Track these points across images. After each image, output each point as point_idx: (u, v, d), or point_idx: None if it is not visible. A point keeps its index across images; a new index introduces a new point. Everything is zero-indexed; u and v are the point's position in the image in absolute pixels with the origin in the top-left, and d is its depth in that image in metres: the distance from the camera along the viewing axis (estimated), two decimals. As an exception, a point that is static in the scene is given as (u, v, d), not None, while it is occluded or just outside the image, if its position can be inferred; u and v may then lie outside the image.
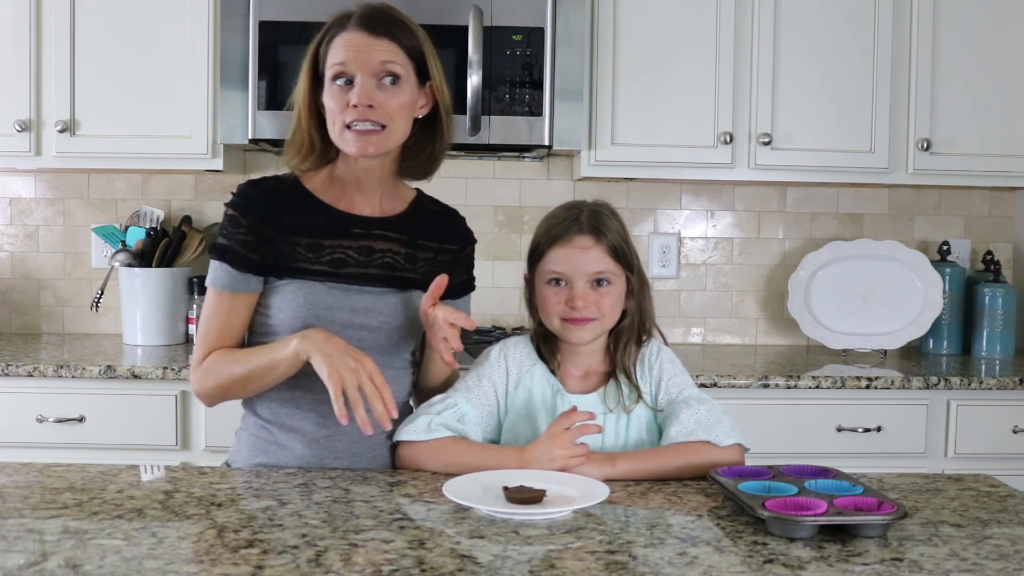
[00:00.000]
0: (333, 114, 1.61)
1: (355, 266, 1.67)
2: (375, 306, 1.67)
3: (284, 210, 1.65)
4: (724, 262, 3.25)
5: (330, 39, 1.64)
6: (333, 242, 1.66)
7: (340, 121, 1.61)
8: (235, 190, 1.67)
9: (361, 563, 1.16)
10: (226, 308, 1.65)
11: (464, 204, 3.14)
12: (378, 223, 1.70)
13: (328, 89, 1.62)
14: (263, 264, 1.64)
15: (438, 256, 1.75)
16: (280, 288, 1.65)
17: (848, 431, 2.63)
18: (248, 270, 1.63)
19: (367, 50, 1.60)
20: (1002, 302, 3.03)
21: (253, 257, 1.63)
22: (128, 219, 3.09)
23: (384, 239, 1.69)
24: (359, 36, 1.61)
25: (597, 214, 1.68)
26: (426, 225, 1.75)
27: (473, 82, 2.64)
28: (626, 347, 1.70)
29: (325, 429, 1.66)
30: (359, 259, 1.67)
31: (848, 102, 2.88)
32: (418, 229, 1.74)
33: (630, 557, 1.21)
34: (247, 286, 1.64)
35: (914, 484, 1.57)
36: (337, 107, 1.60)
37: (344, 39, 1.62)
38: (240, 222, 1.64)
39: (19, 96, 2.79)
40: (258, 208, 1.65)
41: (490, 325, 3.13)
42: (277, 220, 1.64)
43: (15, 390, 2.56)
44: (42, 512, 1.35)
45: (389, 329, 1.68)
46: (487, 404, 1.69)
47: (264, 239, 1.63)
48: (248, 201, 1.65)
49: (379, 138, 1.61)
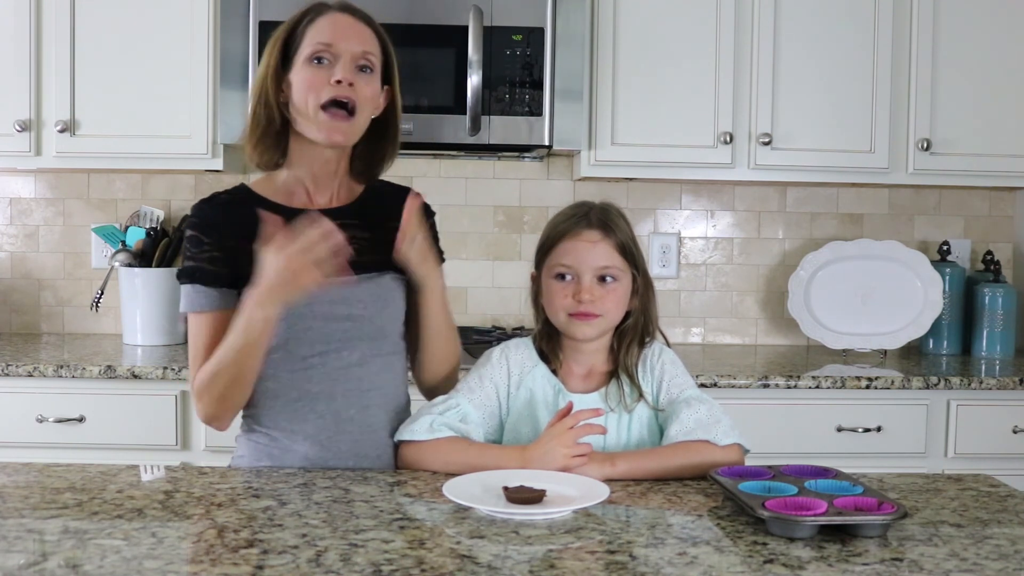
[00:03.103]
0: (306, 93, 1.60)
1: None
2: (352, 295, 1.66)
3: (243, 220, 1.62)
4: (724, 262, 3.26)
5: (310, 21, 1.63)
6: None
7: (315, 100, 1.60)
8: (189, 212, 1.67)
9: (361, 563, 1.16)
10: (209, 330, 1.63)
11: (464, 204, 3.19)
12: (337, 213, 1.67)
13: (302, 68, 1.61)
14: (235, 277, 1.62)
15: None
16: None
17: (848, 431, 2.63)
18: (223, 285, 1.62)
19: (354, 32, 1.62)
20: (1002, 302, 3.03)
21: (223, 271, 1.62)
22: (128, 219, 3.09)
23: (345, 227, 1.65)
24: (346, 18, 1.63)
25: (606, 211, 1.70)
26: (383, 206, 1.74)
27: (473, 82, 2.64)
28: (629, 347, 1.70)
29: (327, 431, 1.66)
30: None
31: (848, 102, 2.88)
32: (376, 211, 1.73)
33: (630, 557, 1.21)
34: (225, 302, 1.62)
35: (914, 484, 1.57)
36: (316, 84, 1.60)
37: (330, 19, 1.63)
38: (203, 241, 1.63)
39: (19, 96, 2.79)
40: (217, 223, 1.64)
41: (490, 325, 3.13)
42: (238, 231, 1.62)
43: (15, 390, 2.56)
44: (42, 512, 1.35)
45: (371, 315, 1.68)
46: (489, 405, 1.70)
47: (230, 252, 1.62)
48: (206, 219, 1.65)
49: (347, 126, 1.62)
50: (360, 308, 1.67)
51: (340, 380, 1.66)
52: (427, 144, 2.77)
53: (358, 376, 1.67)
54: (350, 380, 1.66)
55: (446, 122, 2.70)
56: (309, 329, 1.64)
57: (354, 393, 1.67)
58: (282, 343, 1.63)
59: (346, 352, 1.65)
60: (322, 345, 1.64)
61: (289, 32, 1.65)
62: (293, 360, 1.65)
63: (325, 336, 1.64)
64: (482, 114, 2.67)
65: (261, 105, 1.65)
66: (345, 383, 1.66)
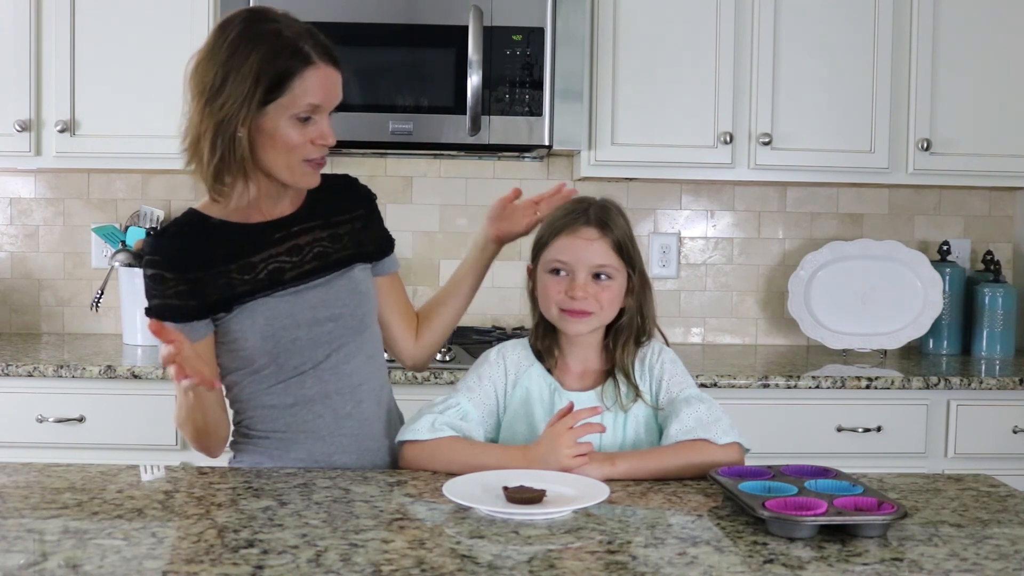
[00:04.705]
0: (291, 150, 1.59)
1: (292, 268, 1.66)
2: (328, 296, 1.68)
3: (201, 248, 1.62)
4: (724, 262, 3.25)
5: (298, 74, 1.56)
6: (262, 255, 1.64)
7: (300, 156, 1.60)
8: (143, 251, 1.66)
9: (361, 563, 1.16)
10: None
11: (464, 204, 3.19)
12: (293, 219, 1.69)
13: (287, 124, 1.58)
14: (204, 306, 1.61)
15: (354, 224, 1.75)
16: (234, 318, 1.63)
17: (848, 431, 2.63)
18: (192, 318, 1.61)
19: (336, 87, 1.62)
20: (1002, 302, 3.03)
21: (191, 304, 1.60)
22: (128, 219, 3.09)
23: (305, 232, 1.69)
24: (333, 73, 1.61)
25: (605, 209, 1.70)
26: (330, 200, 1.74)
27: (473, 82, 2.64)
28: (625, 346, 1.70)
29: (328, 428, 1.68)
30: (293, 260, 1.66)
31: (848, 102, 2.88)
32: (326, 208, 1.73)
33: (630, 557, 1.21)
34: (197, 334, 1.61)
35: (914, 484, 1.57)
36: (301, 142, 1.59)
37: (321, 76, 1.58)
38: (165, 277, 1.60)
39: (19, 96, 2.79)
40: (176, 257, 1.61)
41: (490, 325, 3.12)
42: (199, 260, 1.61)
43: (15, 390, 2.56)
44: (42, 512, 1.35)
45: (351, 311, 1.70)
46: (488, 404, 1.70)
47: (195, 283, 1.60)
48: (164, 255, 1.62)
49: (321, 167, 1.65)
50: (340, 306, 1.68)
51: (332, 380, 1.68)
52: (427, 144, 2.77)
53: (348, 373, 1.69)
54: (342, 378, 1.68)
55: (446, 122, 2.70)
56: (296, 340, 1.64)
57: (347, 390, 1.69)
58: (271, 359, 1.64)
59: (334, 353, 1.67)
60: (311, 351, 1.66)
61: (274, 80, 1.56)
62: (284, 372, 1.66)
63: (312, 342, 1.66)
64: (482, 114, 2.67)
65: (225, 138, 1.57)
66: (338, 382, 1.68)
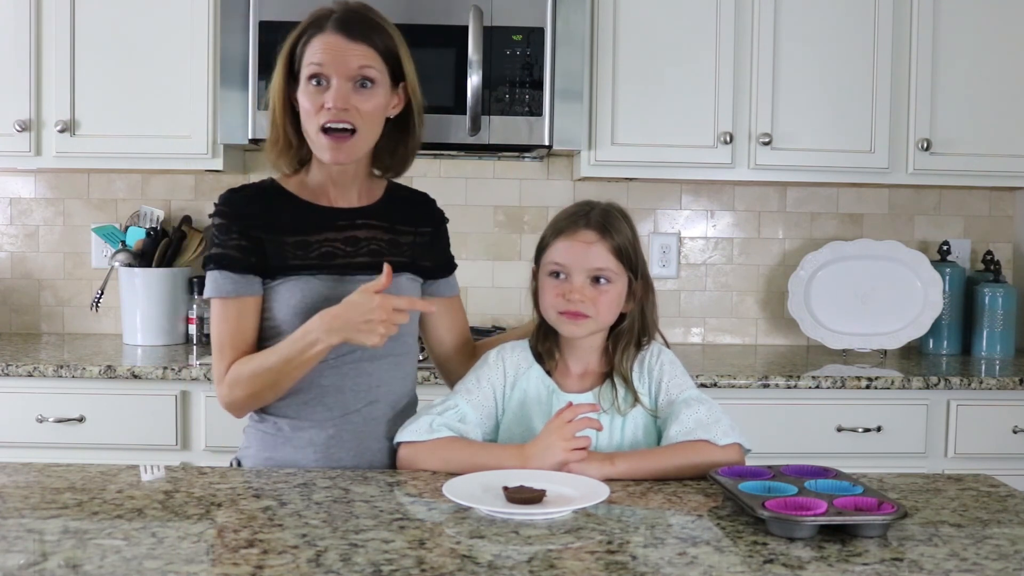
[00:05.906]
0: (308, 114, 1.64)
1: (344, 257, 1.70)
2: None
3: (268, 212, 1.69)
4: (724, 262, 3.25)
5: (308, 39, 1.65)
6: (319, 236, 1.70)
7: (315, 123, 1.63)
8: (217, 200, 1.71)
9: (361, 563, 1.16)
10: (235, 315, 1.67)
11: (464, 204, 3.19)
12: (359, 213, 1.74)
13: (304, 88, 1.65)
14: (259, 266, 1.67)
15: (417, 239, 1.79)
16: (275, 288, 1.67)
17: (848, 431, 2.63)
18: (248, 271, 1.66)
19: (344, 54, 1.62)
20: (1002, 302, 3.03)
21: (251, 260, 1.66)
22: (128, 219, 3.09)
23: (367, 227, 1.73)
24: (337, 39, 1.63)
25: (607, 213, 1.69)
26: (401, 210, 1.80)
27: (473, 82, 2.64)
28: (625, 350, 1.70)
29: (334, 422, 1.69)
30: (346, 250, 1.71)
31: (848, 102, 2.88)
32: (395, 215, 1.78)
33: (630, 557, 1.21)
34: (250, 288, 1.67)
35: (914, 484, 1.57)
36: (312, 108, 1.63)
37: (322, 41, 1.64)
38: (230, 228, 1.67)
39: (19, 96, 2.79)
40: (243, 212, 1.68)
41: (490, 325, 3.12)
42: (263, 222, 1.67)
43: (15, 390, 2.56)
44: (42, 512, 1.35)
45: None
46: (486, 405, 1.70)
47: (255, 242, 1.66)
48: (233, 207, 1.69)
49: (349, 145, 1.64)
50: None
51: (350, 375, 1.69)
52: (427, 144, 2.73)
53: (368, 372, 1.70)
54: (360, 375, 1.70)
55: (446, 122, 2.70)
56: None
57: (363, 388, 1.70)
58: None
59: (359, 349, 1.67)
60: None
61: (291, 49, 1.68)
62: None
63: None
64: (482, 114, 2.67)
65: (275, 121, 1.69)
66: (355, 378, 1.69)
